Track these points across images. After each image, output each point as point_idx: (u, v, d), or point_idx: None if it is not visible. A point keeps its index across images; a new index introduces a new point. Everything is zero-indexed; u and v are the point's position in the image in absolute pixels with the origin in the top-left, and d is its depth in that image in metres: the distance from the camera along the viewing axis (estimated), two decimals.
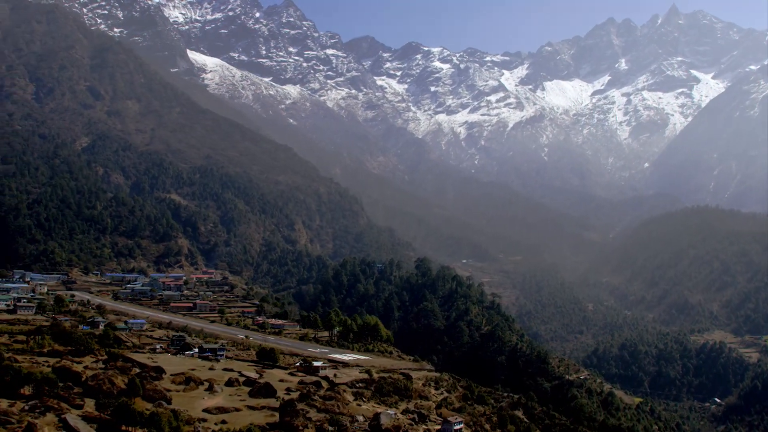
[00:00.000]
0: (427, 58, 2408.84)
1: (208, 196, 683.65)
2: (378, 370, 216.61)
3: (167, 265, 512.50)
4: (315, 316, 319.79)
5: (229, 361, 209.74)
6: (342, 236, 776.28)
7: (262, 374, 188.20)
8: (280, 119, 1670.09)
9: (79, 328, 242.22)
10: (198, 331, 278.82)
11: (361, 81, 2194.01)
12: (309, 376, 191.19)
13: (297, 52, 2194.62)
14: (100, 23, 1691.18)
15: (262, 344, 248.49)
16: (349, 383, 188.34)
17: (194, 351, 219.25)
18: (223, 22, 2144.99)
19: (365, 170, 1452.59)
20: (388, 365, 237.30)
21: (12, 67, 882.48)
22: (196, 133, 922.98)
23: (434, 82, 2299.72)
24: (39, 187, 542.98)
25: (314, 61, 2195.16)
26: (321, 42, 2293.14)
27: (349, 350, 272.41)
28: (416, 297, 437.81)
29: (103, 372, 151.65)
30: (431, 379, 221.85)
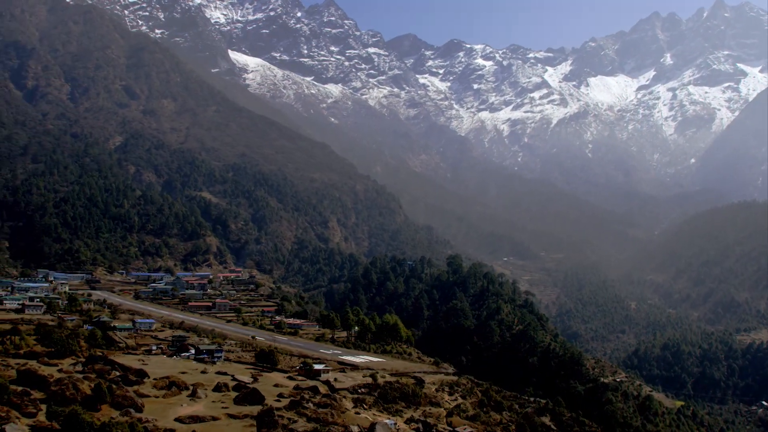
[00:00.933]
0: (469, 56, 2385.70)
1: (239, 194, 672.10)
2: (388, 374, 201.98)
3: (195, 264, 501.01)
4: (333, 315, 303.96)
5: (226, 364, 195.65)
6: (378, 234, 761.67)
7: (258, 378, 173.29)
8: (321, 118, 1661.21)
9: (83, 328, 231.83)
10: (209, 331, 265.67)
11: (404, 79, 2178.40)
12: (309, 381, 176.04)
13: (339, 51, 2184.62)
14: (141, 25, 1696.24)
15: (270, 345, 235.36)
16: (351, 388, 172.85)
17: (190, 353, 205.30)
18: (264, 22, 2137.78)
19: (407, 168, 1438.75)
20: (401, 368, 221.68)
21: (47, 67, 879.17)
22: (232, 132, 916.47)
23: (477, 80, 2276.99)
24: (67, 186, 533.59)
25: (356, 59, 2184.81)
26: (363, 41, 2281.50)
27: (365, 351, 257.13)
28: (447, 295, 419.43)
29: (68, 377, 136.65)
30: (446, 384, 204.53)
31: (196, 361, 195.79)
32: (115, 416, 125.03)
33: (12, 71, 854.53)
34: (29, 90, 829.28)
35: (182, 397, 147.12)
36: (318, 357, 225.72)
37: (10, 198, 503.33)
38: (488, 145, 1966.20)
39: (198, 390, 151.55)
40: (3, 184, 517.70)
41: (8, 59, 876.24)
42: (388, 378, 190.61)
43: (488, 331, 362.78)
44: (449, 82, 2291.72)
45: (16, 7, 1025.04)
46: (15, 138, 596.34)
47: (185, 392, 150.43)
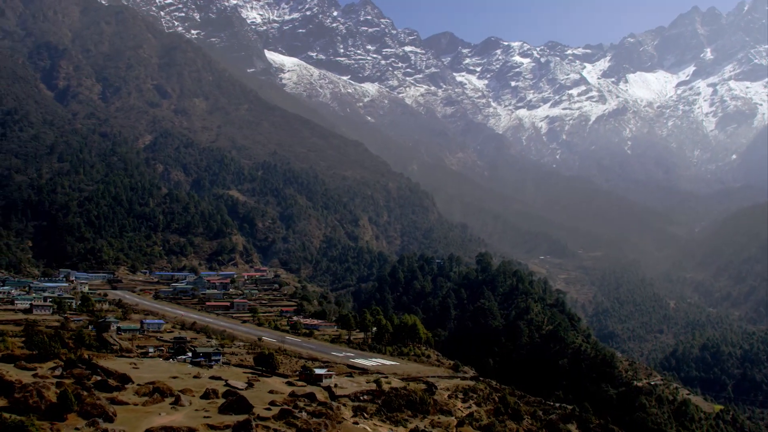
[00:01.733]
0: (507, 53, 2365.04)
1: (268, 192, 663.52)
2: (398, 378, 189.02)
3: (220, 263, 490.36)
4: (350, 316, 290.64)
5: (224, 368, 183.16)
6: (410, 232, 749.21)
7: (254, 384, 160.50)
8: (358, 117, 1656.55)
9: (88, 329, 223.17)
10: (219, 332, 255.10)
11: (441, 77, 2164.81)
12: (309, 386, 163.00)
13: (375, 49, 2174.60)
14: (177, 26, 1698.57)
15: (280, 346, 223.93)
16: (353, 395, 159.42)
17: (187, 356, 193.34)
18: (300, 22, 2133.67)
19: (443, 167, 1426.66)
20: (414, 372, 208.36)
21: (79, 67, 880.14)
22: (263, 130, 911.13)
23: (514, 77, 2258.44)
24: (92, 185, 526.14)
25: (392, 58, 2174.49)
26: (399, 39, 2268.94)
27: (380, 354, 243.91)
28: (475, 294, 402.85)
29: (34, 384, 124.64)
30: (461, 389, 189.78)
31: (192, 364, 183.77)
32: (80, 426, 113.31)
33: (43, 72, 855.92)
34: (60, 90, 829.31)
35: (163, 405, 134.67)
36: (327, 360, 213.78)
37: (35, 197, 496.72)
38: (526, 143, 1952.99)
39: (183, 397, 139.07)
40: (28, 184, 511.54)
41: (40, 60, 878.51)
42: (396, 383, 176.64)
43: (516, 331, 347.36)
44: (486, 80, 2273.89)
45: (49, 9, 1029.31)
46: (42, 137, 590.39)
47: (168, 399, 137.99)
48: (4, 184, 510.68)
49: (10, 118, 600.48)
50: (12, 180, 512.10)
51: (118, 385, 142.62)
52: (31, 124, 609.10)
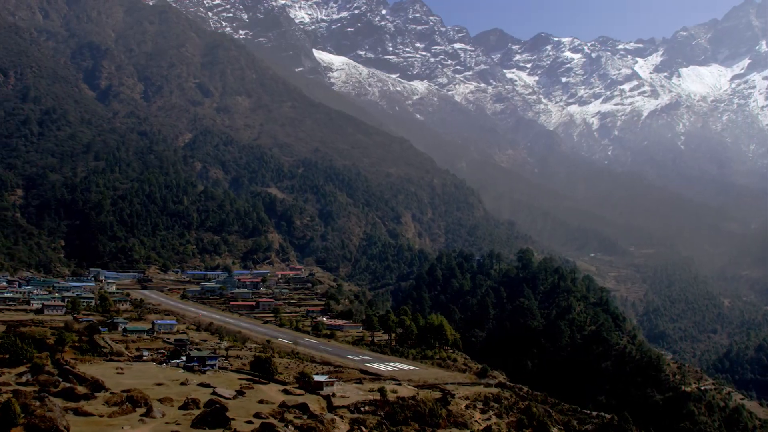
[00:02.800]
0: (557, 49, 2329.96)
1: (308, 190, 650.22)
2: (412, 386, 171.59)
3: (255, 261, 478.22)
4: (373, 316, 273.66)
5: (218, 373, 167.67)
6: (455, 230, 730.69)
7: (245, 392, 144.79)
8: (407, 115, 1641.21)
9: (86, 330, 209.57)
10: (234, 333, 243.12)
11: (490, 74, 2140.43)
12: (307, 395, 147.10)
13: (424, 47, 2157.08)
14: (225, 26, 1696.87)
15: (293, 349, 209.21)
16: (353, 405, 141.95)
17: (181, 360, 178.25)
18: (349, 21, 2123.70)
19: (493, 164, 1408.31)
20: (432, 378, 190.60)
21: (121, 67, 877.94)
22: (307, 127, 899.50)
23: (565, 73, 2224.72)
24: (127, 183, 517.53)
25: (442, 56, 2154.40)
26: (448, 36, 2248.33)
27: (400, 357, 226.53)
28: (515, 293, 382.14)
29: None
30: (482, 398, 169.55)
31: (185, 369, 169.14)
32: None
33: (86, 72, 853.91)
34: (102, 90, 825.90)
35: (132, 417, 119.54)
36: (340, 364, 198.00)
37: (68, 196, 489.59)
38: (577, 139, 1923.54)
39: (156, 407, 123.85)
40: (62, 183, 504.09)
41: (83, 60, 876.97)
42: (407, 391, 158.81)
43: (557, 332, 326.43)
44: (537, 76, 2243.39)
45: (93, 9, 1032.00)
46: (79, 136, 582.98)
47: (140, 410, 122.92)
48: (39, 183, 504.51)
49: (48, 118, 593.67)
50: (46, 179, 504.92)
51: (88, 393, 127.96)
52: (69, 123, 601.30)
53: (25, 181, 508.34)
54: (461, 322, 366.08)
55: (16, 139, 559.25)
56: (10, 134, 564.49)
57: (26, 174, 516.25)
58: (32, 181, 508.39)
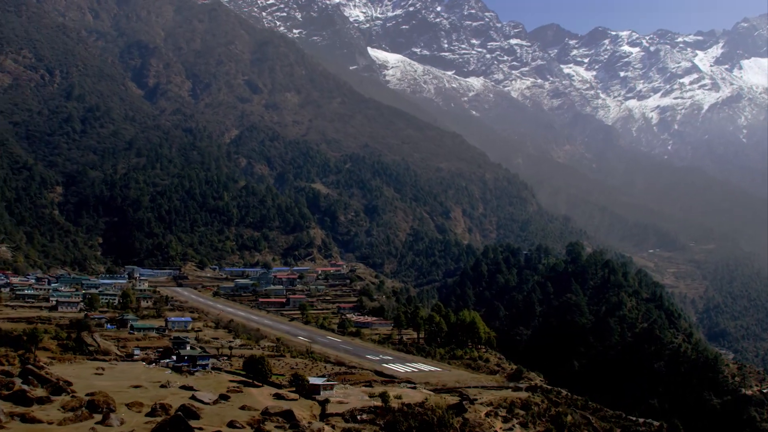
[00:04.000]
0: (615, 43, 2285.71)
1: (353, 185, 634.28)
2: (428, 389, 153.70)
3: (296, 258, 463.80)
4: (401, 313, 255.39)
5: (208, 374, 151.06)
6: (507, 225, 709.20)
7: (230, 396, 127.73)
8: (462, 112, 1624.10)
9: (104, 327, 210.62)
10: (253, 330, 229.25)
11: (547, 69, 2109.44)
12: (301, 399, 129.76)
13: (480, 43, 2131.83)
14: (279, 25, 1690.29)
15: (308, 348, 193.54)
16: (348, 414, 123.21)
17: (171, 359, 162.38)
18: (403, 18, 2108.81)
19: (549, 159, 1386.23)
20: (453, 381, 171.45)
21: (169, 65, 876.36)
22: (356, 123, 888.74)
23: (623, 67, 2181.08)
24: (167, 179, 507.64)
25: (498, 51, 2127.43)
26: (504, 32, 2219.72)
27: (427, 357, 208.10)
28: (562, 288, 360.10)
29: None
30: (507, 405, 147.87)
31: (173, 369, 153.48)
32: None
33: (134, 71, 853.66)
34: (150, 88, 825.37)
35: (83, 425, 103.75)
36: (355, 365, 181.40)
37: (107, 193, 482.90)
38: (636, 134, 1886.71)
39: (116, 414, 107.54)
40: (102, 180, 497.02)
41: (131, 59, 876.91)
42: (420, 396, 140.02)
43: (606, 329, 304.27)
44: (595, 71, 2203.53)
45: (143, 9, 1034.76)
46: (122, 133, 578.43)
47: (97, 417, 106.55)
48: (78, 181, 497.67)
49: (91, 115, 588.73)
50: (86, 176, 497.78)
51: (45, 396, 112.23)
52: (112, 121, 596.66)
53: (65, 179, 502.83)
54: (506, 319, 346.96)
55: (59, 136, 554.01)
56: (52, 132, 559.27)
57: (66, 171, 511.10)
58: (72, 178, 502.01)
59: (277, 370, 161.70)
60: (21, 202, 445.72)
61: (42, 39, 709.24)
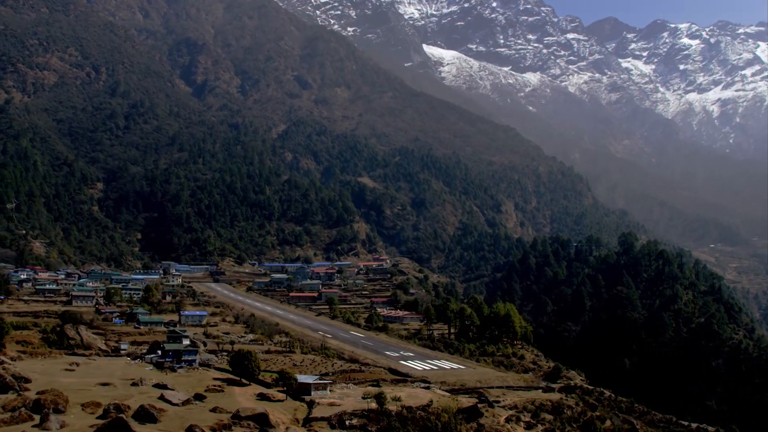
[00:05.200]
0: (674, 36, 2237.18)
1: (401, 178, 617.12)
2: (443, 389, 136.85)
3: (340, 252, 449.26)
4: (430, 307, 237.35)
5: (192, 371, 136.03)
6: (561, 218, 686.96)
7: (206, 396, 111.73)
8: (519, 107, 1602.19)
9: (112, 321, 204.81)
10: (272, 325, 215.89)
11: (605, 64, 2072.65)
12: (289, 400, 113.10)
13: (536, 38, 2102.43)
14: (333, 23, 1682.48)
15: (323, 343, 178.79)
16: (336, 417, 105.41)
17: (154, 355, 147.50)
18: (459, 15, 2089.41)
19: (607, 154, 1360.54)
20: (474, 380, 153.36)
21: (218, 62, 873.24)
22: (407, 117, 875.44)
23: (683, 60, 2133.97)
24: (208, 174, 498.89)
25: (554, 46, 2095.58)
26: (561, 27, 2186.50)
27: (453, 354, 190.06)
28: (614, 281, 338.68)
29: None
30: (536, 407, 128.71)
31: (155, 365, 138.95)
32: None
33: (182, 68, 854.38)
34: (198, 85, 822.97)
35: (18, 428, 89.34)
36: (369, 362, 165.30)
37: (147, 188, 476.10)
38: (696, 128, 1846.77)
39: (68, 415, 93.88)
40: (142, 175, 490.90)
41: (179, 56, 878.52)
42: (432, 396, 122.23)
43: (660, 324, 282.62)
44: (653, 65, 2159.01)
45: (192, 7, 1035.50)
46: (165, 129, 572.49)
47: (36, 418, 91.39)
48: (119, 176, 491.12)
49: (135, 111, 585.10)
50: (127, 172, 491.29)
51: None
52: (156, 116, 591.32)
53: (106, 174, 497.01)
54: (554, 314, 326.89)
55: (101, 133, 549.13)
56: (95, 128, 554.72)
57: (108, 167, 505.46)
58: (113, 174, 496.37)
59: (277, 367, 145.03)
60: (60, 198, 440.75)
61: (89, 37, 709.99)
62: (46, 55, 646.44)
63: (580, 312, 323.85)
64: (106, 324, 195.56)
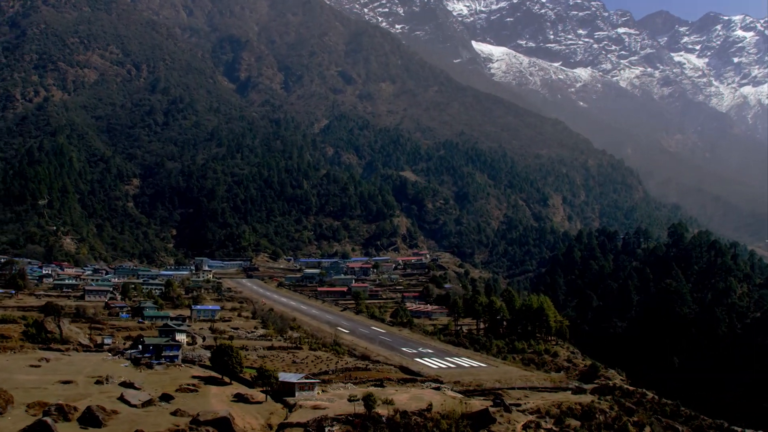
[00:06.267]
0: (727, 28, 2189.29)
1: (444, 171, 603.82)
2: (456, 390, 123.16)
3: (378, 248, 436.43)
4: (457, 300, 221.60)
5: (171, 368, 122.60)
6: (610, 212, 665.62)
7: (174, 396, 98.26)
8: (569, 103, 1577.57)
9: (118, 315, 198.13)
10: (289, 320, 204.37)
11: (657, 58, 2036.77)
12: (269, 401, 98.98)
13: (586, 33, 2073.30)
14: (381, 21, 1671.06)
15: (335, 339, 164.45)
16: (315, 424, 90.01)
17: (134, 351, 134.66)
18: (508, 10, 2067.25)
19: (660, 148, 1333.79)
20: (492, 380, 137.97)
21: (261, 58, 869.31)
22: (452, 111, 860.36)
23: (737, 53, 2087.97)
24: (246, 169, 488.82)
25: (605, 41, 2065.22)
26: (611, 21, 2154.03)
27: (478, 351, 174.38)
28: (663, 274, 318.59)
29: None
30: (562, 412, 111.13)
31: (132, 361, 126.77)
32: None
33: (226, 65, 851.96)
34: (242, 82, 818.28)
35: None
36: (381, 359, 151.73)
37: (183, 184, 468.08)
38: (752, 121, 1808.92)
39: (5, 416, 79.69)
40: (179, 170, 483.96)
41: (223, 53, 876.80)
42: (442, 398, 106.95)
43: (712, 319, 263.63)
44: (706, 58, 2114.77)
45: (236, 4, 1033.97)
46: (204, 124, 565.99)
47: None
48: (156, 172, 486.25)
49: (174, 107, 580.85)
50: (163, 167, 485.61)
51: None
52: (196, 112, 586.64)
53: (143, 171, 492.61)
54: (599, 310, 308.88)
55: (140, 129, 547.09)
56: (134, 124, 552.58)
57: (145, 163, 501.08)
58: (149, 170, 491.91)
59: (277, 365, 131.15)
60: (95, 194, 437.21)
61: (130, 35, 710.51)
62: (87, 53, 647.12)
63: (626, 307, 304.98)
64: (110, 318, 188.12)
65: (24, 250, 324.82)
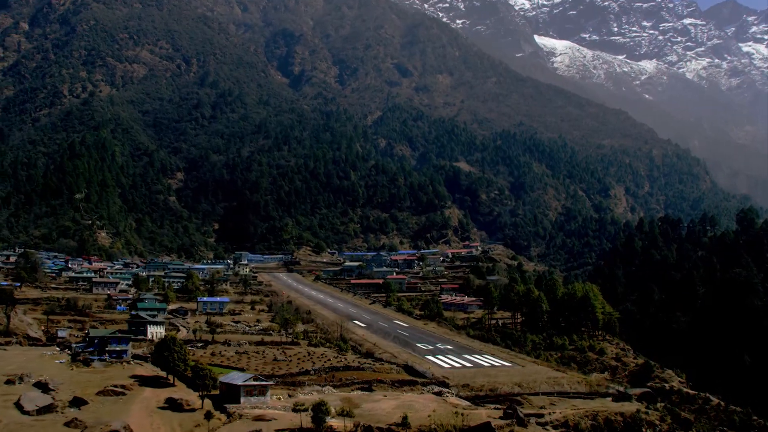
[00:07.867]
0: None
1: (500, 161, 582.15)
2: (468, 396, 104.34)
3: (429, 240, 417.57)
4: (492, 290, 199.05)
5: (115, 365, 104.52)
6: (676, 203, 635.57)
7: (88, 402, 78.65)
8: (634, 95, 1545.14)
9: (115, 308, 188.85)
10: (304, 313, 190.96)
11: (724, 48, 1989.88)
12: (197, 412, 78.64)
13: (651, 25, 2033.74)
14: (442, 16, 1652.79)
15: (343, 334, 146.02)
16: None
17: (81, 344, 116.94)
18: (571, 4, 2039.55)
19: (728, 140, 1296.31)
20: (511, 383, 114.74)
21: (315, 51, 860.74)
22: (512, 102, 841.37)
23: None
24: (292, 160, 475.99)
25: (671, 33, 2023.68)
26: (677, 12, 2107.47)
27: (513, 348, 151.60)
28: (732, 264, 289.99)
29: None
30: (594, 425, 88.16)
31: (72, 356, 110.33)
32: None
33: (279, 59, 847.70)
34: (295, 75, 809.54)
35: None
36: (386, 357, 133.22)
37: (227, 176, 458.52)
38: None
39: None
40: (223, 163, 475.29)
41: (276, 48, 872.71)
42: (432, 406, 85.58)
43: None
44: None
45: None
46: (252, 117, 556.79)
47: None
48: (200, 166, 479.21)
49: (222, 100, 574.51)
50: (207, 160, 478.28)
51: None
52: (244, 105, 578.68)
53: (187, 164, 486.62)
54: (661, 303, 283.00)
55: (186, 123, 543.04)
56: (180, 118, 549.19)
57: (190, 157, 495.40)
58: (194, 163, 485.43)
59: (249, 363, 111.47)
60: (136, 188, 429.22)
61: (181, 30, 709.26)
62: (136, 49, 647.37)
63: (691, 300, 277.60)
64: (102, 311, 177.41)
65: (56, 245, 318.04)
